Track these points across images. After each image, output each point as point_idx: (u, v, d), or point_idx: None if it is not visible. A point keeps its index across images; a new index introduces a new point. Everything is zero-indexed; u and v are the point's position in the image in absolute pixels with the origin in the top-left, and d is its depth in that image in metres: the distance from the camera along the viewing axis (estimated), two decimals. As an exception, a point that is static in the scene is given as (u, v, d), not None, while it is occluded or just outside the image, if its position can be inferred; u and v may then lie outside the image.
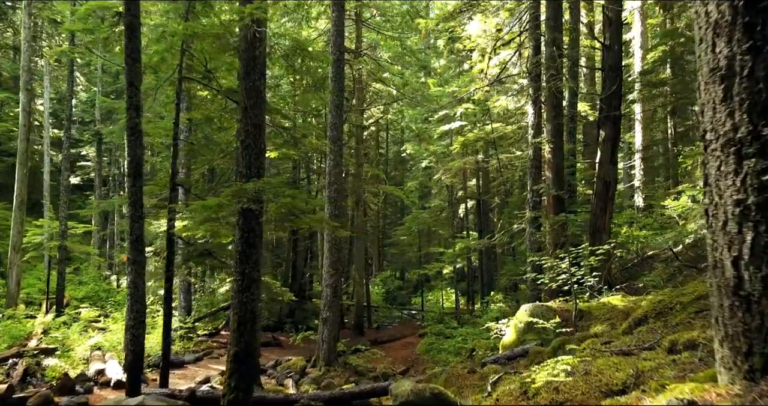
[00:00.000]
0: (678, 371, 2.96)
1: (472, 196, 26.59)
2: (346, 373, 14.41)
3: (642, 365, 3.38)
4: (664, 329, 4.98)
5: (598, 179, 12.56)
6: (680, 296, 5.53)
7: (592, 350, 4.76)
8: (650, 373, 3.15)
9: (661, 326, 5.14)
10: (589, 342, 5.35)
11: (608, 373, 3.44)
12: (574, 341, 6.87)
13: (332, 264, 14.42)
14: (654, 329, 5.08)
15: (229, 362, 6.73)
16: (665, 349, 3.64)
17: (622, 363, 3.60)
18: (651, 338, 4.67)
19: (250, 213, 6.90)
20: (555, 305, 8.76)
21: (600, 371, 3.54)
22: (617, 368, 3.51)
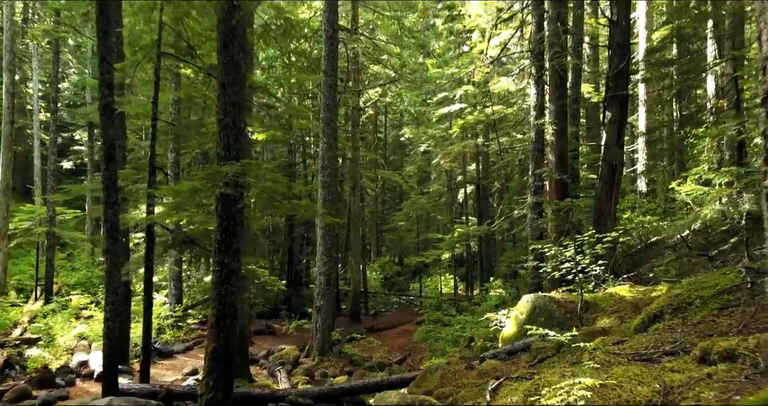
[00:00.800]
0: (719, 391, 2.44)
1: (471, 181, 26.01)
2: (341, 363, 13.98)
3: (669, 378, 2.86)
4: (684, 328, 4.45)
5: (604, 163, 11.99)
6: (700, 290, 5.00)
7: (605, 352, 4.25)
8: (681, 389, 2.63)
9: (679, 324, 4.62)
10: (599, 341, 4.83)
11: (629, 387, 2.93)
12: (581, 336, 6.36)
13: (326, 251, 13.90)
14: (672, 328, 4.56)
15: (207, 359, 6.23)
16: (696, 358, 3.11)
17: (644, 374, 3.07)
18: (670, 339, 4.15)
19: (228, 199, 6.35)
20: (558, 295, 8.25)
21: (618, 383, 3.02)
22: (639, 380, 2.99)
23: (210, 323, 6.37)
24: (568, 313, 7.86)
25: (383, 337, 18.58)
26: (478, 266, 27.64)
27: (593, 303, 7.83)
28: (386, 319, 22.12)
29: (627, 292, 7.95)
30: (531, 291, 12.39)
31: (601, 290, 8.63)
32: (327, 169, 13.94)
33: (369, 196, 32.19)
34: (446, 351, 15.28)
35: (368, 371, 13.82)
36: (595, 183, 13.31)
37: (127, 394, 7.85)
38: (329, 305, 13.95)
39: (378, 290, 30.24)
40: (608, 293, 8.15)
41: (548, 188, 12.45)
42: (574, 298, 8.12)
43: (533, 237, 12.53)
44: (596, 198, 12.10)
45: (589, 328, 6.60)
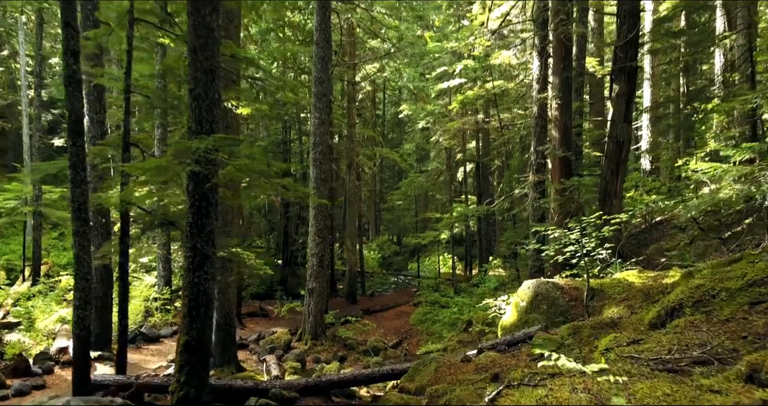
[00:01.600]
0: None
1: (471, 159, 25.34)
2: (334, 347, 13.54)
3: (709, 401, 2.30)
4: (710, 327, 3.89)
5: (610, 139, 11.34)
6: (725, 281, 4.42)
7: (619, 355, 3.69)
8: (729, 421, 2.08)
9: (703, 321, 4.06)
10: (611, 339, 4.27)
11: (659, 411, 2.37)
12: (587, 328, 5.82)
13: (318, 232, 13.34)
14: (696, 326, 3.99)
15: (179, 352, 5.69)
16: (741, 375, 2.53)
17: (676, 394, 2.51)
18: (696, 340, 3.58)
19: (200, 177, 5.74)
20: (562, 281, 7.70)
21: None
22: (670, 402, 2.42)
23: (182, 314, 5.82)
24: (573, 300, 7.31)
25: (379, 319, 18.15)
26: (477, 245, 27.10)
27: (599, 290, 7.27)
28: (383, 300, 21.69)
29: (636, 278, 7.39)
30: (532, 275, 11.88)
31: (608, 276, 8.08)
32: (319, 147, 13.29)
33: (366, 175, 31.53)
34: (443, 335, 14.84)
35: (362, 356, 13.39)
36: (600, 160, 12.67)
37: (101, 386, 7.37)
38: (322, 288, 13.44)
39: (376, 270, 29.81)
40: (615, 278, 7.59)
41: (551, 166, 11.83)
42: (578, 284, 7.57)
43: (534, 218, 11.96)
44: (601, 177, 11.48)
45: (596, 319, 6.04)
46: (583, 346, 5.44)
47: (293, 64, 23.67)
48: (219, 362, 10.33)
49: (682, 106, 22.00)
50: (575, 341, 5.66)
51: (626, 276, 7.58)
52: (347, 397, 7.51)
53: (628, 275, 7.65)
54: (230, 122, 10.49)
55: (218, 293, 10.38)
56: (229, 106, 9.89)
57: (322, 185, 13.28)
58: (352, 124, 20.37)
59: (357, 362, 12.89)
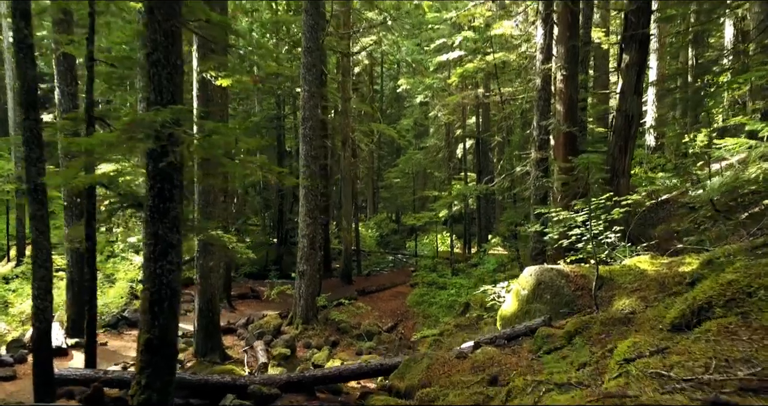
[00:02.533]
0: None
1: (471, 135, 24.56)
2: (326, 331, 13.01)
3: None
4: (751, 334, 3.25)
5: (619, 112, 10.61)
6: (763, 276, 3.78)
7: (643, 371, 3.05)
8: None
9: (740, 326, 3.42)
10: (629, 345, 3.62)
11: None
12: (597, 323, 5.20)
13: (309, 212, 12.68)
14: (732, 332, 3.35)
15: (140, 352, 5.08)
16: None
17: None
18: (738, 354, 2.95)
19: (162, 155, 5.05)
20: (567, 268, 7.07)
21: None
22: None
23: (142, 308, 5.19)
24: (579, 289, 6.70)
25: (375, 300, 17.62)
26: (476, 223, 26.48)
27: (608, 278, 6.65)
28: (379, 280, 21.15)
29: (648, 264, 6.76)
30: (533, 257, 11.26)
31: (616, 262, 7.44)
32: (309, 121, 12.54)
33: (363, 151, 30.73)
34: (440, 318, 14.32)
35: (356, 341, 12.87)
36: (607, 136, 11.95)
37: (67, 381, 6.80)
38: (313, 270, 12.85)
39: (373, 249, 29.25)
40: (626, 265, 6.96)
41: (555, 142, 11.10)
42: (585, 271, 6.94)
43: (536, 197, 11.29)
44: (608, 154, 10.78)
45: (607, 313, 5.42)
46: (594, 345, 4.82)
47: (286, 35, 22.70)
48: (202, 350, 9.80)
49: (691, 80, 21.15)
50: (584, 339, 5.05)
51: (637, 263, 6.95)
52: (333, 393, 6.95)
53: (639, 261, 7.02)
54: (211, 95, 9.74)
55: (200, 277, 9.79)
56: (208, 78, 9.15)
57: (312, 163, 12.58)
58: (347, 98, 19.54)
59: (349, 347, 12.38)
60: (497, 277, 14.67)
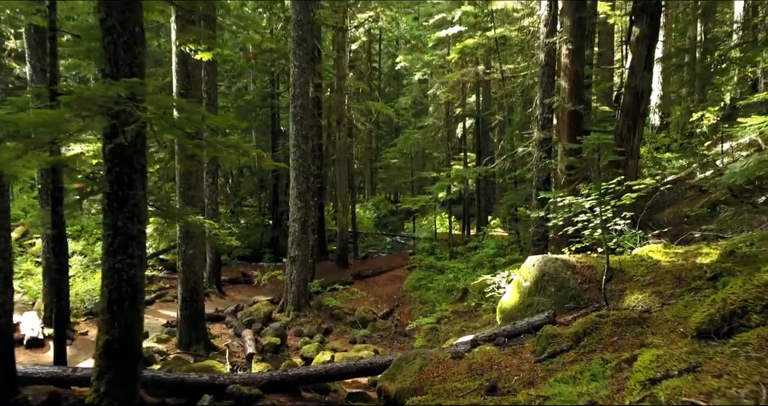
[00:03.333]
0: None
1: (470, 114, 23.85)
2: (319, 318, 12.55)
3: None
4: (802, 352, 2.70)
5: (627, 89, 9.97)
6: (808, 277, 3.24)
7: (674, 399, 2.52)
8: None
9: (786, 339, 2.87)
10: (651, 360, 3.09)
11: None
12: (609, 324, 4.66)
13: (300, 195, 12.11)
14: (777, 347, 2.81)
15: (98, 356, 4.55)
16: None
17: None
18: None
19: (116, 135, 4.46)
20: (573, 258, 6.52)
21: None
22: None
23: (101, 307, 4.65)
24: (586, 282, 6.16)
25: (371, 284, 17.15)
26: (475, 203, 25.88)
27: (618, 269, 6.10)
28: (376, 263, 20.67)
29: (661, 254, 6.21)
30: (534, 243, 10.73)
31: (626, 251, 6.89)
32: (299, 99, 11.90)
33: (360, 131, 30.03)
34: (437, 303, 13.85)
35: (349, 328, 12.42)
36: (614, 115, 11.32)
37: (32, 379, 6.30)
38: (305, 255, 12.33)
39: (371, 231, 28.76)
40: (637, 255, 6.41)
41: (559, 121, 10.49)
42: (592, 261, 6.40)
43: (539, 179, 10.70)
44: (615, 133, 10.17)
45: (620, 311, 4.88)
46: (605, 350, 4.29)
47: (280, 10, 21.83)
48: (186, 341, 9.32)
49: (699, 56, 20.38)
50: (594, 342, 4.52)
51: (649, 252, 6.40)
52: (320, 392, 6.47)
53: (651, 250, 6.47)
54: (192, 71, 9.08)
55: (182, 265, 9.27)
56: (187, 51, 8.49)
57: (303, 143, 11.96)
58: (342, 75, 18.81)
59: (343, 335, 11.92)
60: (497, 261, 14.17)
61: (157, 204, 7.23)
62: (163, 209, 7.15)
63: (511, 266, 12.27)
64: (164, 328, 10.15)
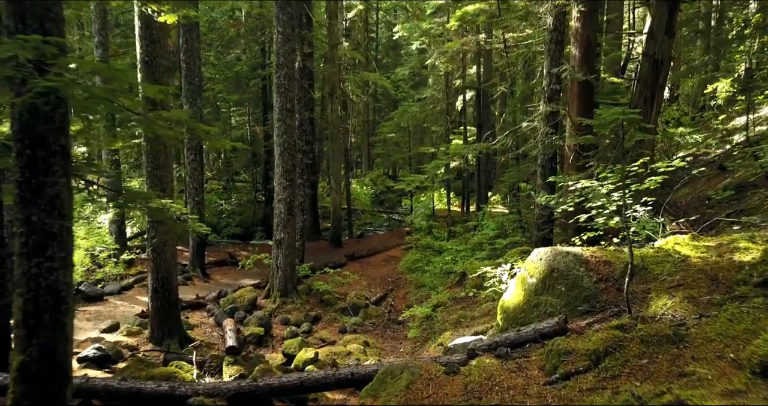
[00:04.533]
0: None
1: (471, 86, 22.74)
2: (308, 305, 11.79)
3: None
4: None
5: (645, 57, 8.98)
6: None
7: None
8: None
9: None
10: None
11: None
12: (636, 342, 3.83)
13: (286, 173, 11.20)
14: None
15: (13, 380, 3.74)
16: None
17: None
18: None
19: (34, 110, 3.56)
20: (586, 251, 5.65)
21: None
22: None
23: (15, 322, 3.81)
24: (602, 280, 5.31)
25: (365, 266, 16.39)
26: (475, 178, 24.95)
27: (640, 266, 5.25)
28: (371, 242, 19.88)
29: (689, 248, 5.35)
30: (539, 227, 9.87)
31: (649, 245, 6.02)
32: (284, 69, 10.89)
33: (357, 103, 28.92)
34: (434, 287, 13.09)
35: (340, 315, 11.67)
36: (630, 86, 10.33)
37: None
38: (292, 238, 11.50)
39: (367, 207, 27.91)
40: (661, 248, 5.55)
41: (569, 93, 9.52)
42: (609, 256, 5.53)
43: (545, 157, 9.78)
44: (630, 106, 9.21)
45: (648, 325, 4.03)
46: (634, 379, 3.46)
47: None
48: (158, 335, 8.55)
49: (715, 24, 19.22)
50: (618, 365, 3.70)
51: (675, 245, 5.54)
52: (296, 403, 5.71)
53: (677, 242, 5.61)
54: (157, 36, 8.07)
55: (152, 252, 8.44)
56: (149, 12, 7.48)
57: (288, 116, 11.00)
58: (334, 44, 17.68)
59: (332, 324, 11.18)
60: (497, 243, 13.36)
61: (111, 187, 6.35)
62: (121, 192, 6.27)
63: (512, 250, 11.46)
64: (137, 318, 9.37)
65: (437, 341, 9.03)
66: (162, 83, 8.06)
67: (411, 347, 9.84)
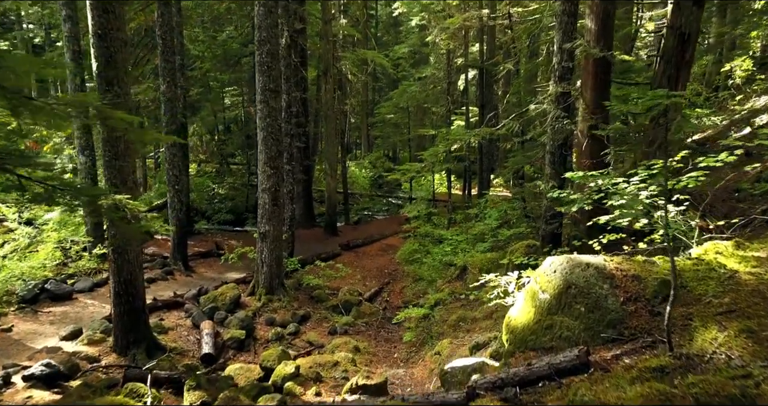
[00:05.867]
0: None
1: (474, 64, 21.56)
2: (296, 302, 10.93)
3: None
4: None
5: (670, 31, 7.91)
6: None
7: None
8: None
9: None
10: None
11: None
12: (687, 401, 2.90)
13: (270, 160, 10.24)
14: None
15: None
16: None
17: None
18: None
19: None
20: (609, 262, 4.70)
21: None
22: None
23: None
24: (630, 300, 4.37)
25: (360, 256, 15.52)
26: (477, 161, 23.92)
27: (678, 284, 4.30)
28: (369, 229, 18.99)
29: (736, 259, 4.41)
30: (548, 222, 8.92)
31: (684, 254, 5.07)
32: (266, 45, 9.85)
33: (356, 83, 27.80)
34: (432, 282, 12.20)
35: (330, 313, 10.82)
36: (653, 63, 9.29)
37: None
38: (278, 231, 10.58)
39: (366, 191, 26.96)
40: (701, 260, 4.60)
41: (583, 71, 8.48)
42: (637, 269, 4.59)
43: (555, 143, 8.77)
44: (653, 86, 8.19)
45: (703, 376, 3.10)
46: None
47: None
48: (122, 343, 7.68)
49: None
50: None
51: (716, 254, 4.60)
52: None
53: (718, 250, 4.67)
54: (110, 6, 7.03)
55: (113, 253, 7.52)
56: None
57: (271, 98, 9.99)
58: (328, 19, 16.54)
59: (322, 324, 10.32)
60: (501, 234, 12.42)
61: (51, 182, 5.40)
62: (61, 188, 5.33)
63: (517, 243, 10.53)
64: (104, 323, 8.48)
65: (434, 348, 8.17)
66: (118, 60, 7.07)
67: (406, 353, 8.99)
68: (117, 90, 7.12)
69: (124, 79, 7.23)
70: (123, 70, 7.21)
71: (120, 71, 7.15)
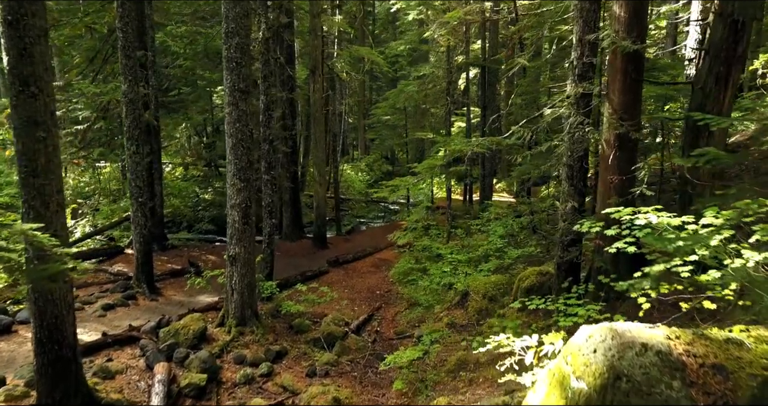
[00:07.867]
0: None
1: (475, 62, 20.15)
2: (271, 334, 9.50)
3: None
4: None
5: (719, 19, 6.49)
6: None
7: None
8: None
9: None
10: None
11: None
12: None
13: (239, 172, 8.82)
14: None
15: None
16: None
17: None
18: None
19: None
20: (674, 343, 3.26)
21: None
22: None
23: None
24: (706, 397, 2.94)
25: (350, 274, 14.10)
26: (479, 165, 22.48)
27: None
28: (362, 241, 17.56)
29: None
30: (564, 248, 7.51)
31: None
32: (234, 38, 8.45)
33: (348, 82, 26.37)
34: (430, 308, 10.80)
35: (311, 348, 9.40)
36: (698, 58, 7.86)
37: None
38: (249, 253, 9.17)
39: (362, 196, 25.56)
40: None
41: (609, 68, 7.05)
42: (716, 350, 3.16)
43: (574, 155, 7.35)
44: (696, 87, 6.78)
45: None
46: None
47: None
48: (47, 401, 6.26)
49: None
50: None
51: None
52: None
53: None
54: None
55: (32, 291, 6.10)
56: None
57: (241, 99, 8.58)
58: (316, 13, 15.12)
59: (299, 362, 8.89)
60: (508, 254, 11.00)
61: None
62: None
63: (526, 270, 9.12)
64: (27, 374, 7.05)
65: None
66: (35, 53, 5.67)
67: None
68: (34, 90, 5.73)
69: (44, 77, 5.82)
70: (42, 65, 5.81)
71: (38, 67, 5.76)
